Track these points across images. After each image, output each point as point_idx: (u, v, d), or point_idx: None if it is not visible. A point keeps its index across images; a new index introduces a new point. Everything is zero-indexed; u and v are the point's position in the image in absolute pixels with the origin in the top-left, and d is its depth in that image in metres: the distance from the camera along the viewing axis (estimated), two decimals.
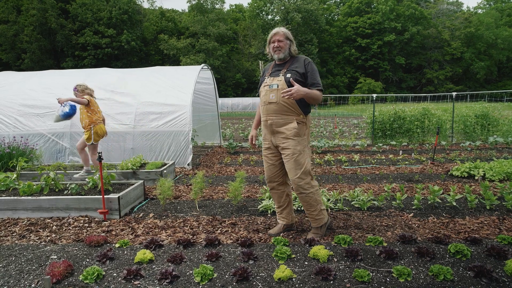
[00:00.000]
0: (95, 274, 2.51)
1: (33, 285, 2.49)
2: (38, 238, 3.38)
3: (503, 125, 10.27)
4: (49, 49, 43.35)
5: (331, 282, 2.42)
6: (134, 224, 3.72)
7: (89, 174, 5.29)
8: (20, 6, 42.41)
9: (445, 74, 51.12)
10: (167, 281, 2.46)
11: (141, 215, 4.03)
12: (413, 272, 2.53)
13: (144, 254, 2.81)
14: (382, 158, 7.68)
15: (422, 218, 3.73)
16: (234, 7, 63.83)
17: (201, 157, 8.21)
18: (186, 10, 55.76)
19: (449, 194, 4.32)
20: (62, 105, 5.09)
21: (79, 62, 42.95)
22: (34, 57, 41.17)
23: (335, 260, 2.75)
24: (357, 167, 6.67)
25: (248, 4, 52.83)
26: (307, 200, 3.09)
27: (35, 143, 6.93)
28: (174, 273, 2.52)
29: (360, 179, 5.68)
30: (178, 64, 41.75)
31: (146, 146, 6.86)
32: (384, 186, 4.95)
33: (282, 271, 2.46)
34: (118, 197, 3.90)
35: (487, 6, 61.99)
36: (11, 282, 2.54)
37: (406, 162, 7.06)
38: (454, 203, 4.03)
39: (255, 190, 5.05)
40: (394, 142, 9.37)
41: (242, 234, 3.36)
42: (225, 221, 3.76)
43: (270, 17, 50.48)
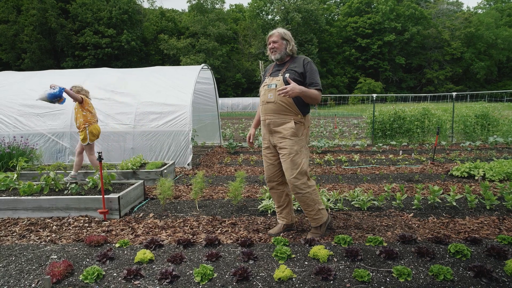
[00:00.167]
0: (95, 274, 2.51)
1: (33, 285, 2.49)
2: (38, 238, 3.39)
3: (503, 125, 10.27)
4: (49, 49, 43.34)
5: (331, 282, 2.42)
6: (134, 224, 3.72)
7: (74, 179, 5.21)
8: (20, 6, 42.41)
9: (445, 74, 51.12)
10: (167, 281, 2.46)
11: (141, 215, 4.03)
12: (413, 272, 2.53)
13: (144, 254, 2.81)
14: (382, 158, 7.68)
15: (422, 218, 3.73)
16: (234, 7, 63.83)
17: (201, 157, 8.21)
18: (186, 10, 55.82)
19: (449, 194, 4.32)
20: (53, 87, 4.94)
21: (79, 62, 42.94)
22: (34, 57, 41.17)
23: (335, 260, 2.75)
24: (357, 167, 6.67)
25: (248, 4, 52.85)
26: (304, 200, 3.09)
27: (35, 143, 6.93)
28: (174, 273, 2.52)
29: (360, 179, 5.68)
30: (178, 64, 41.76)
31: (146, 146, 6.86)
32: (384, 186, 4.95)
33: (282, 271, 2.46)
34: (118, 197, 3.91)
35: (487, 6, 61.99)
36: (11, 282, 2.54)
37: (406, 162, 7.06)
38: (454, 203, 4.03)
39: (255, 190, 5.06)
40: (394, 142, 9.37)
41: (242, 234, 3.36)
42: (225, 221, 3.76)
43: (270, 17, 50.49)
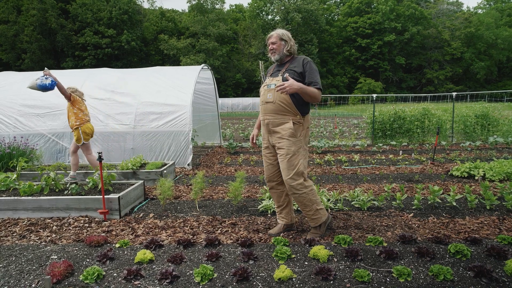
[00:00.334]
0: (95, 274, 2.51)
1: (33, 285, 2.49)
2: (38, 238, 3.39)
3: (503, 125, 10.27)
4: (49, 49, 43.35)
5: (331, 282, 2.42)
6: (134, 224, 3.73)
7: (74, 179, 5.20)
8: (20, 6, 42.41)
9: (445, 74, 51.11)
10: (167, 281, 2.46)
11: (141, 215, 4.03)
12: (413, 272, 2.53)
13: (144, 254, 2.81)
14: (382, 158, 7.68)
15: (422, 218, 3.73)
16: (234, 7, 63.85)
17: (201, 157, 8.21)
18: (186, 10, 55.83)
19: (449, 194, 4.32)
20: (45, 76, 4.81)
21: (79, 62, 42.95)
22: (34, 57, 41.17)
23: (335, 260, 2.75)
24: (357, 167, 6.67)
25: (248, 4, 52.85)
26: (301, 200, 3.10)
27: (35, 143, 6.93)
28: (174, 273, 2.52)
29: (360, 179, 5.68)
30: (178, 64, 41.77)
31: (146, 146, 6.86)
32: (384, 186, 4.95)
33: (282, 271, 2.46)
34: (118, 197, 3.91)
35: (487, 6, 61.97)
36: (12, 282, 2.54)
37: (406, 162, 7.06)
38: (454, 203, 4.03)
39: (255, 190, 5.06)
40: (394, 142, 9.37)
41: (242, 234, 3.36)
42: (225, 221, 3.76)
43: (270, 17, 50.48)
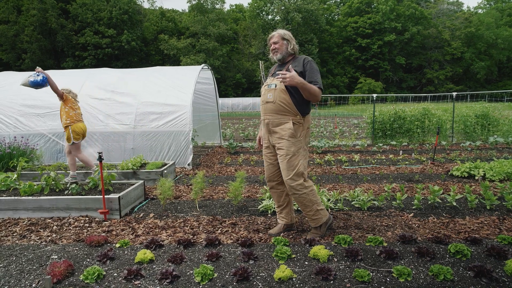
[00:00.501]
0: (96, 274, 2.51)
1: (33, 285, 2.49)
2: (38, 238, 3.39)
3: (503, 125, 10.27)
4: (49, 49, 43.36)
5: (331, 282, 2.42)
6: (134, 224, 3.73)
7: (74, 179, 5.20)
8: (20, 6, 42.42)
9: (445, 74, 51.10)
10: (168, 281, 2.46)
11: (141, 215, 4.03)
12: (413, 272, 2.54)
13: (144, 254, 2.81)
14: (382, 158, 7.68)
15: (422, 218, 3.73)
16: (234, 7, 63.85)
17: (201, 157, 8.22)
18: (186, 10, 55.84)
19: (449, 194, 4.32)
20: (37, 73, 4.87)
21: (80, 62, 42.96)
22: (34, 57, 41.17)
23: (335, 260, 2.76)
24: (357, 167, 6.67)
25: (248, 4, 52.84)
26: (301, 200, 3.10)
27: (36, 143, 6.94)
28: (174, 273, 2.53)
29: (360, 179, 5.68)
30: (179, 64, 41.78)
31: (147, 146, 6.86)
32: (384, 186, 4.95)
33: (282, 271, 2.46)
34: (119, 197, 3.91)
35: (488, 6, 61.93)
36: (12, 282, 2.54)
37: (406, 162, 7.06)
38: (454, 203, 4.03)
39: (256, 190, 5.06)
40: (394, 142, 9.37)
41: (242, 234, 3.36)
42: (225, 221, 3.76)
43: (270, 17, 50.47)
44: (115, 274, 2.60)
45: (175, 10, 60.24)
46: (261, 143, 3.46)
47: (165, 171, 5.59)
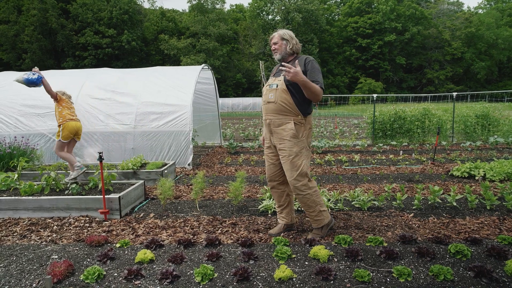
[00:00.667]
0: (96, 274, 2.51)
1: (34, 284, 2.50)
2: (39, 238, 3.39)
3: (504, 125, 10.26)
4: (49, 49, 43.38)
5: (332, 282, 2.42)
6: (134, 224, 3.73)
7: (74, 179, 5.20)
8: (20, 6, 42.46)
9: (445, 74, 51.09)
10: (168, 281, 2.46)
11: (141, 215, 4.04)
12: (413, 272, 2.54)
13: (144, 254, 2.81)
14: (383, 158, 7.68)
15: (423, 218, 3.73)
16: (234, 7, 63.87)
17: (201, 157, 8.22)
18: (187, 10, 55.87)
19: (449, 194, 4.32)
20: (32, 72, 4.97)
21: (80, 62, 42.98)
22: (34, 57, 41.19)
23: (336, 260, 2.76)
24: (357, 167, 6.67)
25: (248, 4, 52.85)
26: (305, 201, 3.10)
27: (36, 143, 6.94)
28: (174, 273, 2.53)
29: (360, 179, 5.68)
30: (179, 64, 41.78)
31: (147, 146, 6.86)
32: (384, 186, 4.95)
33: (283, 271, 2.47)
34: (119, 197, 3.91)
35: (488, 6, 61.93)
36: (12, 281, 2.55)
37: (407, 162, 7.06)
38: (455, 203, 4.03)
39: (256, 190, 5.06)
40: (394, 142, 9.37)
41: (242, 234, 3.36)
42: (225, 221, 3.76)
43: (270, 17, 50.47)
44: (116, 274, 2.61)
45: (175, 10, 60.31)
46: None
47: (165, 171, 5.59)
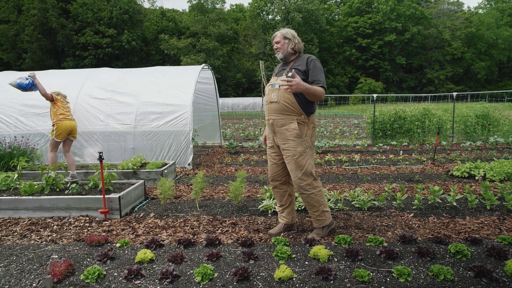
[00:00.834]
0: (96, 274, 2.51)
1: (34, 284, 2.50)
2: (39, 237, 3.39)
3: (504, 125, 10.26)
4: (49, 49, 43.38)
5: (332, 282, 2.42)
6: (134, 223, 3.73)
7: (74, 178, 5.19)
8: (21, 6, 42.46)
9: (445, 74, 51.09)
10: (168, 280, 2.46)
11: (141, 215, 4.04)
12: (413, 272, 2.54)
13: (144, 253, 2.81)
14: (383, 158, 7.68)
15: (423, 218, 3.73)
16: (234, 7, 63.85)
17: (201, 157, 8.22)
18: (187, 10, 55.87)
19: (449, 194, 4.32)
20: (26, 77, 5.12)
21: (80, 62, 42.99)
22: (35, 57, 41.20)
23: (336, 260, 2.76)
24: (357, 167, 6.67)
25: (248, 4, 52.86)
26: (309, 200, 3.10)
27: (36, 143, 6.94)
28: (174, 272, 2.53)
29: (360, 179, 5.68)
30: (179, 64, 41.78)
31: (147, 146, 6.86)
32: (384, 186, 4.95)
33: (283, 271, 2.47)
34: (119, 196, 3.91)
35: (488, 6, 61.91)
36: (12, 281, 2.55)
37: (407, 162, 7.06)
38: (455, 203, 4.03)
39: (256, 190, 5.06)
40: (394, 142, 9.37)
41: (242, 234, 3.36)
42: (225, 221, 3.76)
43: (270, 17, 50.47)
44: (116, 274, 2.61)
45: (176, 10, 60.31)
46: (267, 142, 3.43)
47: (165, 171, 5.59)
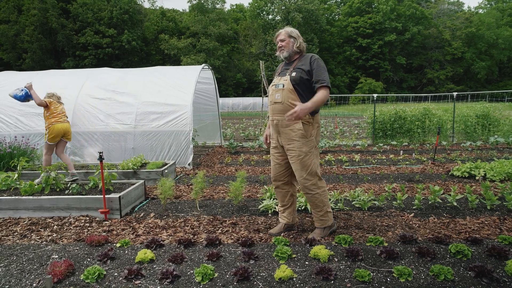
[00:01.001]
0: (96, 274, 2.51)
1: (34, 284, 2.50)
2: (39, 237, 3.39)
3: (504, 125, 10.25)
4: (50, 49, 43.39)
5: (332, 282, 2.42)
6: (135, 223, 3.73)
7: (74, 177, 5.20)
8: (21, 6, 42.47)
9: (446, 74, 51.07)
10: (168, 280, 2.46)
11: (142, 215, 4.03)
12: (413, 272, 2.53)
13: (145, 253, 2.81)
14: (383, 158, 7.68)
15: (423, 218, 3.73)
16: (234, 7, 63.85)
17: (201, 157, 8.22)
18: (187, 10, 55.89)
19: (449, 194, 4.32)
20: (21, 88, 5.20)
21: (80, 62, 43.00)
22: (35, 57, 41.21)
23: (336, 260, 2.75)
24: (357, 167, 6.67)
25: (248, 4, 52.87)
26: (313, 200, 3.10)
27: (36, 143, 6.94)
28: (175, 272, 2.53)
29: (360, 179, 5.68)
30: (179, 64, 41.77)
31: (147, 146, 6.86)
32: (384, 186, 4.94)
33: (283, 271, 2.46)
34: (119, 196, 3.91)
35: (488, 6, 61.86)
36: (13, 281, 2.55)
37: (407, 162, 7.05)
38: (455, 203, 4.02)
39: (256, 190, 5.06)
40: (394, 142, 9.36)
41: (242, 234, 3.36)
42: (225, 221, 3.76)
43: (270, 17, 50.48)
44: (116, 274, 2.61)
45: (176, 10, 60.32)
46: (267, 141, 3.42)
47: (165, 171, 5.59)
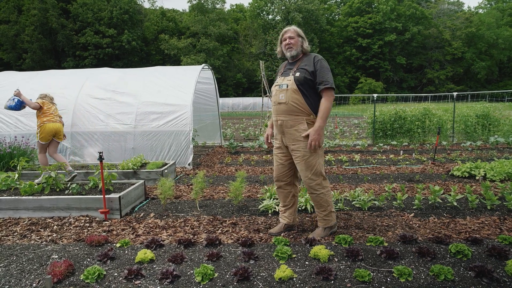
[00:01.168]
0: (96, 274, 2.51)
1: (34, 284, 2.49)
2: (39, 237, 3.39)
3: (504, 125, 10.25)
4: (50, 49, 43.41)
5: (332, 282, 2.42)
6: (135, 223, 3.73)
7: (72, 172, 5.21)
8: (21, 6, 42.49)
9: (446, 74, 51.07)
10: (168, 280, 2.46)
11: (142, 215, 4.03)
12: (413, 272, 2.53)
13: (145, 253, 2.81)
14: (383, 158, 7.67)
15: (423, 218, 3.72)
16: (234, 7, 63.89)
17: (201, 157, 8.22)
18: (187, 10, 55.93)
19: (450, 194, 4.32)
20: (12, 98, 5.20)
21: (80, 62, 43.02)
22: (35, 57, 41.23)
23: (336, 260, 2.75)
24: (357, 167, 6.67)
25: (248, 4, 52.89)
26: (318, 200, 3.10)
27: (36, 143, 6.93)
28: (175, 272, 2.52)
29: (360, 179, 5.68)
30: (179, 64, 41.78)
31: (147, 146, 6.86)
32: (384, 186, 4.94)
33: (283, 271, 2.46)
34: (119, 196, 3.91)
35: (488, 6, 61.88)
36: (13, 281, 2.54)
37: (407, 162, 7.05)
38: (455, 203, 4.02)
39: (256, 190, 5.06)
40: (394, 142, 9.36)
41: (243, 234, 3.36)
42: (225, 221, 3.76)
43: (271, 17, 50.50)
44: (116, 274, 2.60)
45: (176, 10, 60.35)
46: (269, 141, 3.41)
47: (165, 171, 5.59)
